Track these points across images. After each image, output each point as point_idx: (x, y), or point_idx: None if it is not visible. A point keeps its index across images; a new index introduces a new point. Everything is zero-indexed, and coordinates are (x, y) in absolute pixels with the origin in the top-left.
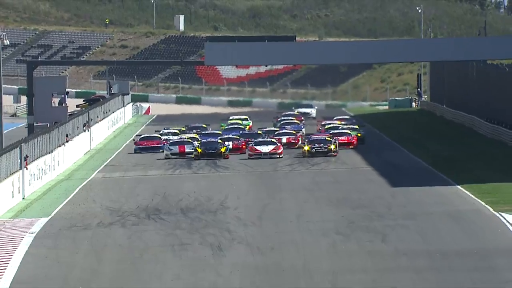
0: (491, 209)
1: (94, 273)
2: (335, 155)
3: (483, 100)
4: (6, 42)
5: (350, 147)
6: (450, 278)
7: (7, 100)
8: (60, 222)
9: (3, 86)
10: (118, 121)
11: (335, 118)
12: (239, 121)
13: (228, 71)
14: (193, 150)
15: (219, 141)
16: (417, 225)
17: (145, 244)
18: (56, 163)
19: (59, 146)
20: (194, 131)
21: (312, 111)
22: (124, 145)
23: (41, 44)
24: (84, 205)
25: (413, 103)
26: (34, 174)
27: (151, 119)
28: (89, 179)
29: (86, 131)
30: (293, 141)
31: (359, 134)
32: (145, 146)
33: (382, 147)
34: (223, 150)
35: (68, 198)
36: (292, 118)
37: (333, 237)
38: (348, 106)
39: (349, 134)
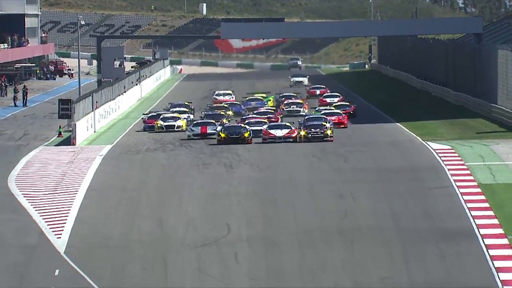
0: (419, 139)
1: (143, 183)
2: (332, 140)
3: (414, 63)
4: (82, 22)
5: (341, 126)
6: (391, 187)
7: (83, 63)
8: (120, 148)
9: (80, 53)
10: (160, 78)
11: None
12: (260, 96)
13: (237, 43)
14: (215, 131)
15: (243, 125)
16: (369, 150)
17: (179, 164)
18: (117, 107)
19: (119, 95)
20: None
21: (305, 80)
22: (164, 95)
23: (106, 24)
24: (136, 136)
25: (366, 65)
26: (101, 114)
27: (183, 77)
28: (140, 118)
29: (138, 84)
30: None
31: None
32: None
33: (345, 95)
34: (246, 135)
35: (125, 131)
36: (294, 96)
37: (310, 159)
38: (322, 68)
39: (340, 114)
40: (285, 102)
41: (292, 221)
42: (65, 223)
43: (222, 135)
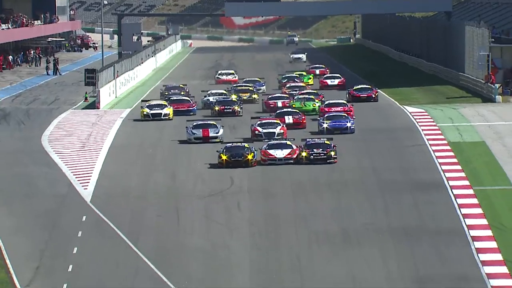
0: (397, 104)
1: (158, 142)
2: (335, 162)
3: (393, 37)
4: (105, 2)
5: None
6: (373, 144)
7: (106, 37)
8: (138, 111)
9: (103, 29)
10: (173, 51)
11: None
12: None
13: (239, 20)
14: (217, 134)
15: (246, 145)
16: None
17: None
18: (135, 75)
19: (137, 65)
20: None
21: (303, 57)
22: (177, 65)
23: (125, 3)
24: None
25: (351, 40)
26: (122, 82)
27: (193, 50)
28: (155, 85)
29: (153, 56)
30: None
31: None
32: (175, 109)
33: (332, 66)
34: (250, 157)
35: (143, 96)
36: (296, 79)
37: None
38: (313, 42)
39: (345, 105)
40: (288, 85)
41: (287, 175)
42: (91, 176)
43: (224, 157)
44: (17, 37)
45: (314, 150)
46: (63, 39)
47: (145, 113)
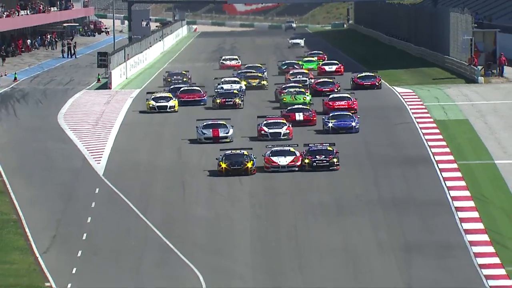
0: (387, 84)
1: (166, 120)
2: (338, 169)
3: (384, 23)
4: None
5: (351, 112)
6: (365, 122)
7: (117, 23)
8: (147, 90)
9: (114, 15)
10: (179, 35)
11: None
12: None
13: (240, 7)
14: (227, 134)
15: (245, 153)
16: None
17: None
18: (144, 58)
19: (146, 49)
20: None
21: (301, 42)
22: (183, 48)
23: None
24: (160, 82)
25: (344, 25)
26: (132, 64)
27: (197, 34)
28: (162, 67)
29: (161, 40)
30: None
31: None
32: (186, 99)
33: (327, 50)
34: (249, 165)
35: (151, 78)
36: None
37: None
38: (309, 27)
39: (349, 99)
40: (291, 72)
41: None
42: (103, 151)
43: (223, 165)
44: (35, 22)
45: (317, 156)
46: (77, 24)
47: (151, 105)
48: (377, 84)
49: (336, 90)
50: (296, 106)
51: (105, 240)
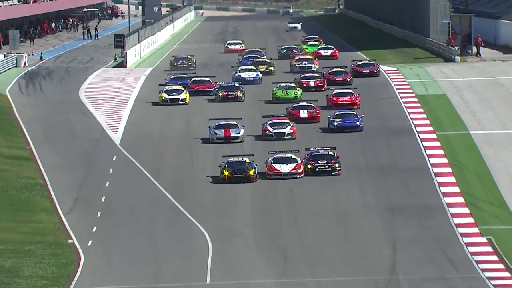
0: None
1: None
2: (339, 174)
3: (371, 7)
4: None
5: (354, 107)
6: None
7: (132, 8)
8: (158, 69)
9: (129, 0)
10: (187, 19)
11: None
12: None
13: None
14: (239, 135)
15: (247, 160)
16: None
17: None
18: (156, 40)
19: (157, 31)
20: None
21: (298, 26)
22: (191, 31)
23: None
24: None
25: (336, 10)
26: (145, 45)
27: (204, 18)
28: (172, 48)
29: (171, 24)
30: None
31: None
32: (196, 90)
33: (319, 32)
34: (251, 172)
35: (162, 58)
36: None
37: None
38: (304, 12)
39: (352, 94)
40: (296, 58)
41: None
42: (120, 123)
43: (226, 173)
44: (59, 7)
45: (319, 162)
46: (96, 9)
47: (163, 98)
48: (375, 71)
49: (348, 80)
50: (300, 104)
51: (121, 202)
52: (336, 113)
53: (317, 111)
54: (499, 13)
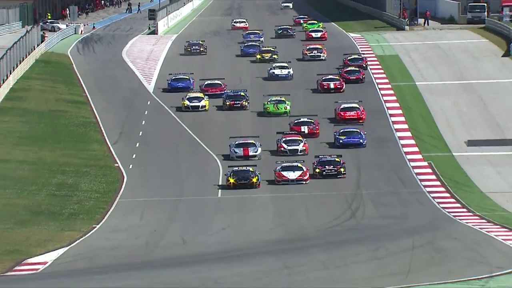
0: (344, 31)
1: (196, 57)
2: (344, 177)
3: None
4: None
5: (360, 121)
6: (330, 56)
7: None
8: (182, 37)
9: None
10: None
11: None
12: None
13: None
14: (256, 153)
15: (251, 169)
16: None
17: (217, 55)
18: (180, 13)
19: (181, 7)
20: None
21: (290, 5)
22: (206, 6)
23: None
24: (192, 29)
25: None
26: (171, 17)
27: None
28: (192, 20)
29: (191, 1)
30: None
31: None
32: (210, 92)
33: (305, 9)
34: (254, 180)
35: (185, 27)
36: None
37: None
38: None
39: (358, 109)
40: (308, 47)
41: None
42: (153, 76)
43: (231, 180)
44: None
45: (326, 167)
46: None
47: (185, 105)
48: (363, 65)
49: (361, 78)
50: (302, 120)
51: (154, 135)
52: (342, 131)
53: (317, 127)
54: None
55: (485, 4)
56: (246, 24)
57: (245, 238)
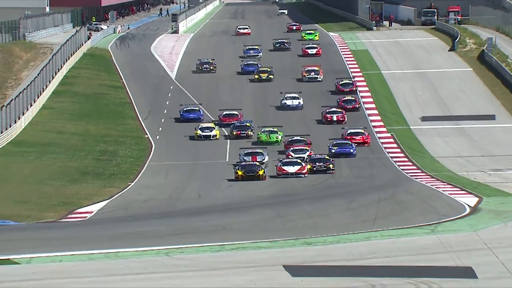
0: (325, 30)
1: (216, 47)
2: (333, 173)
3: None
4: None
5: (365, 145)
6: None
7: None
8: (200, 34)
9: None
10: (214, 4)
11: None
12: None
13: None
14: (264, 161)
15: (257, 163)
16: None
17: (223, 41)
18: (196, 17)
19: (197, 12)
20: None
21: (285, 11)
22: (216, 12)
23: None
24: (206, 29)
25: None
26: (189, 20)
27: (224, 4)
28: (206, 21)
29: (205, 7)
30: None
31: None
32: (227, 122)
33: (296, 16)
34: (261, 172)
35: (200, 27)
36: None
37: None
38: (284, 1)
39: (364, 134)
40: (306, 69)
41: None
42: (175, 66)
43: (240, 172)
44: None
45: (317, 163)
46: None
47: (198, 134)
48: (354, 89)
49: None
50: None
51: (176, 113)
52: (335, 142)
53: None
54: (399, 1)
55: (435, 10)
56: (248, 30)
57: (247, 194)
